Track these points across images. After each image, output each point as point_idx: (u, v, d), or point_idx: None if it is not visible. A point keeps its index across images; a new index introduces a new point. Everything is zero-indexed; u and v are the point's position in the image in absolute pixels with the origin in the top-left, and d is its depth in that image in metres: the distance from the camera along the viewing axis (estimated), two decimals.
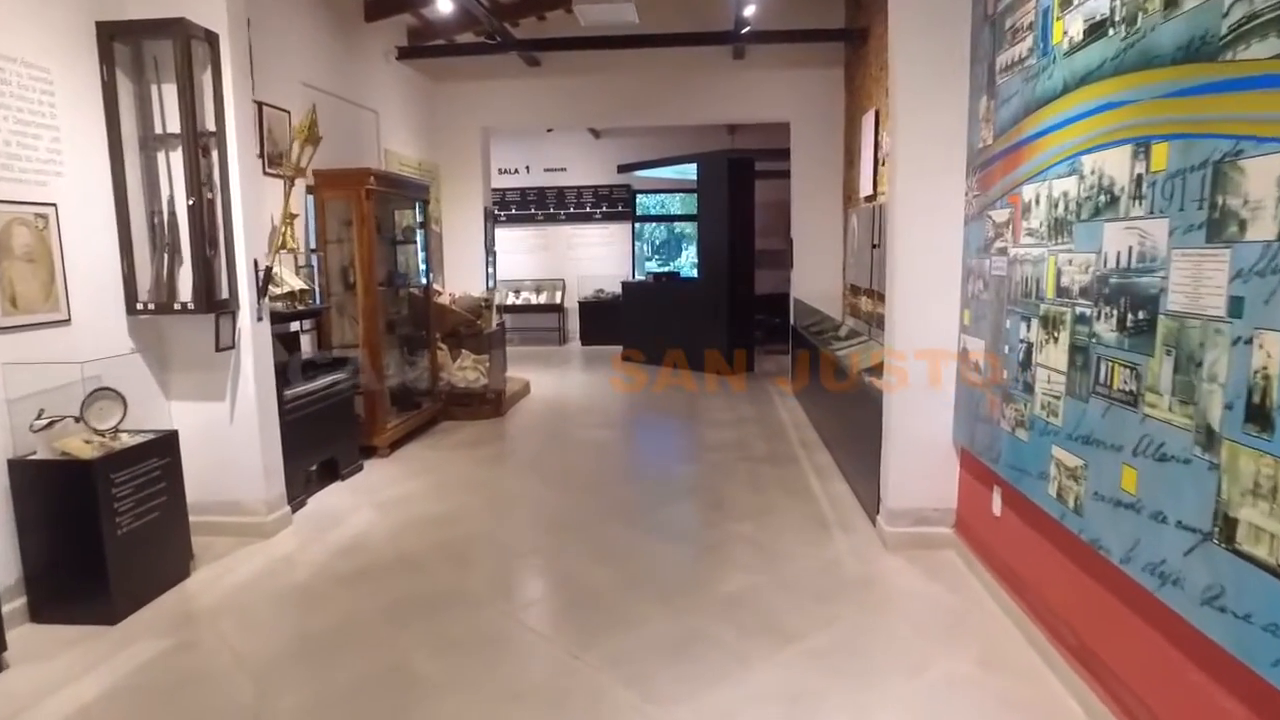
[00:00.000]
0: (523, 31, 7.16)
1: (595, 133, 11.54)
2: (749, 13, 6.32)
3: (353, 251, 5.35)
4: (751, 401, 7.23)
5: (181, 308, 3.54)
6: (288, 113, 5.02)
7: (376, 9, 6.35)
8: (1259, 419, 1.53)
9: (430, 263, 7.16)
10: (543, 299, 12.11)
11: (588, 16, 6.19)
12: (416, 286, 6.43)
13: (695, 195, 9.81)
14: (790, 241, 8.12)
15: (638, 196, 12.22)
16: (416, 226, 6.41)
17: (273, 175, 4.66)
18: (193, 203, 3.45)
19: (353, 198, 5.24)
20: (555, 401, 7.46)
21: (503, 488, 4.77)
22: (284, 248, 4.67)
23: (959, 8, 3.31)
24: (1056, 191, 2.44)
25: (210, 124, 3.57)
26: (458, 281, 8.00)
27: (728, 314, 8.63)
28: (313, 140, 3.88)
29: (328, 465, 4.85)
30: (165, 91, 3.52)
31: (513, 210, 12.18)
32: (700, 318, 8.81)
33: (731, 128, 10.98)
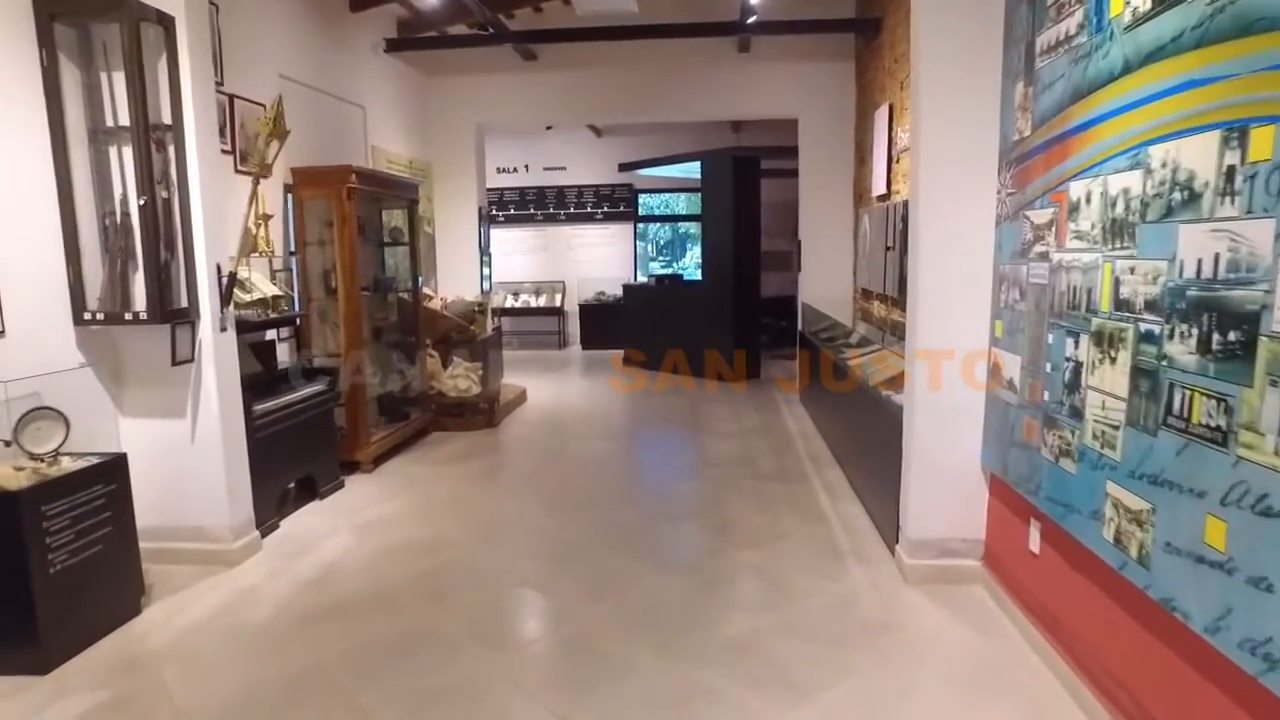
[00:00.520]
0: (518, 23, 6.83)
1: (596, 130, 11.22)
2: (755, 1, 5.99)
3: (334, 254, 5.04)
4: (757, 409, 6.90)
5: (134, 317, 3.23)
6: (263, 106, 4.71)
7: None
8: None
9: (421, 265, 6.85)
10: (542, 302, 11.79)
11: (584, 6, 5.86)
12: (406, 291, 6.12)
13: (700, 194, 9.48)
14: (798, 243, 7.78)
15: (640, 196, 11.89)
16: (405, 227, 6.10)
17: (245, 173, 4.34)
18: (144, 202, 3.14)
19: (333, 197, 4.92)
20: (552, 410, 7.13)
21: (492, 508, 4.45)
22: (256, 251, 4.37)
23: None
24: (1114, 188, 2.10)
25: (166, 116, 3.26)
26: (451, 285, 7.68)
27: (732, 318, 8.30)
28: (279, 135, 3.57)
29: (306, 483, 4.55)
30: (117, 80, 3.21)
31: (511, 210, 11.87)
32: (704, 321, 8.48)
33: (736, 125, 10.65)
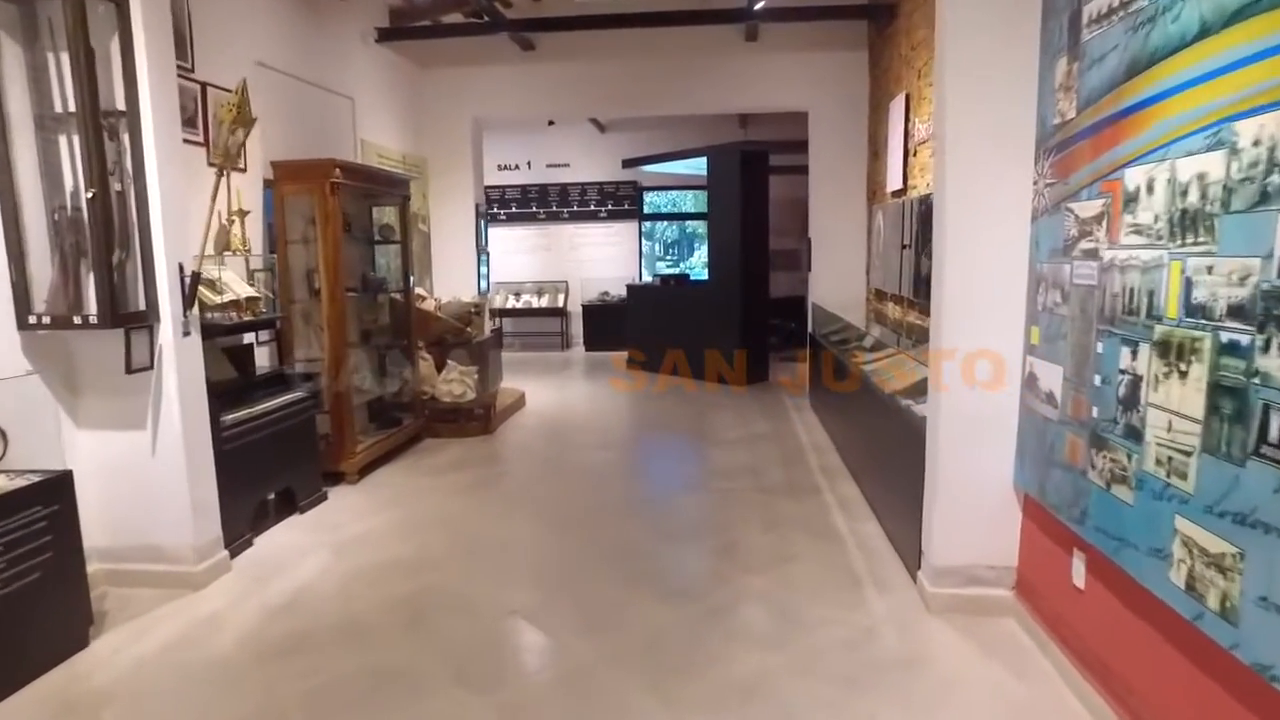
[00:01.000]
0: (515, 11, 6.54)
1: (600, 126, 10.93)
2: None
3: (318, 253, 4.76)
4: (765, 415, 6.60)
5: (83, 321, 2.96)
6: None
7: None
8: None
9: (415, 265, 6.58)
10: (544, 302, 11.51)
11: None
12: (398, 291, 5.85)
13: (706, 192, 9.18)
14: (808, 241, 7.48)
15: (645, 194, 11.60)
16: (397, 225, 5.82)
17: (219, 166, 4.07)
18: (93, 195, 2.86)
19: (316, 192, 4.64)
20: (552, 416, 6.85)
21: (481, 524, 4.16)
22: (230, 249, 4.11)
23: None
24: (1185, 173, 1.80)
25: (119, 101, 2.99)
26: (448, 285, 7.41)
27: (740, 319, 7.99)
28: (244, 122, 3.29)
29: (285, 496, 4.28)
30: (66, 62, 2.93)
31: (513, 208, 11.60)
32: (710, 323, 8.18)
33: (743, 120, 10.35)
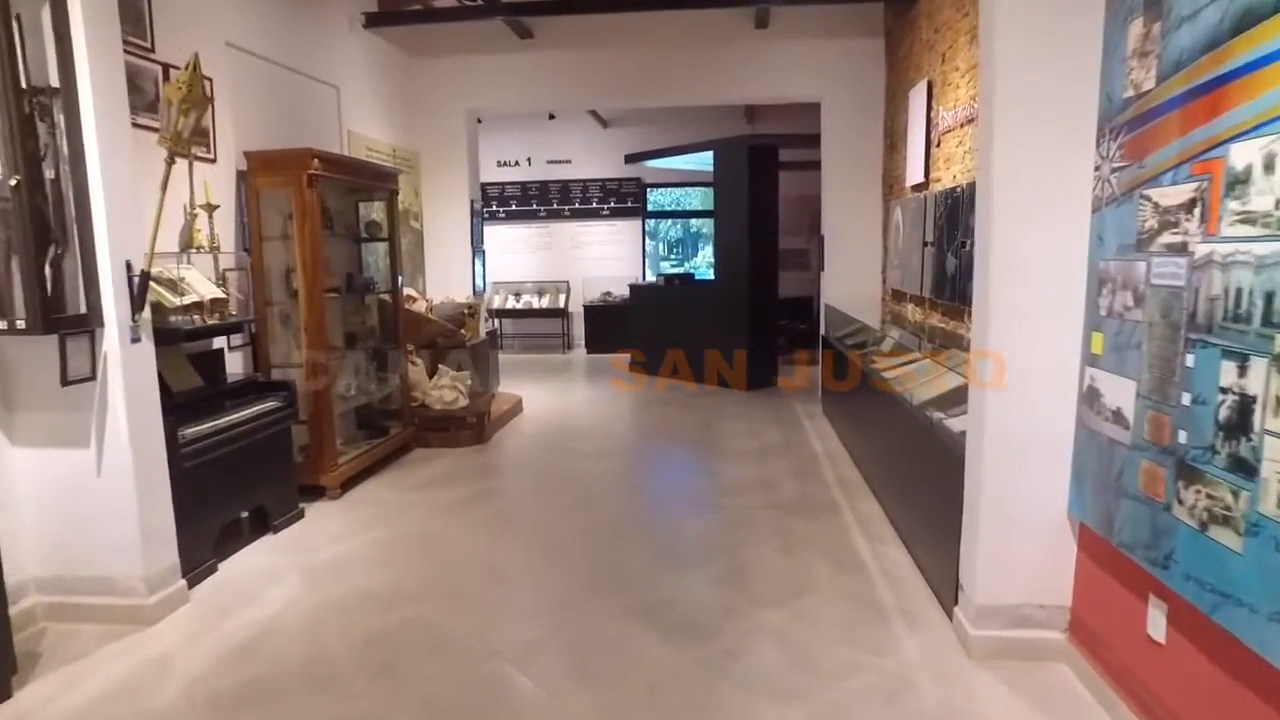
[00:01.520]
0: None
1: (602, 121, 10.58)
2: None
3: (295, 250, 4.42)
4: (776, 422, 6.24)
5: (9, 327, 2.61)
6: (209, 80, 4.10)
7: None
8: None
9: (406, 264, 6.25)
10: (545, 303, 11.16)
11: None
12: (387, 291, 5.51)
13: (712, 189, 8.82)
14: (820, 239, 7.11)
15: (649, 191, 11.24)
16: (384, 221, 5.48)
17: (180, 156, 3.71)
18: (16, 183, 2.52)
19: (292, 184, 4.30)
20: (551, 422, 6.49)
21: (468, 548, 3.81)
22: (194, 246, 3.77)
23: None
24: None
25: (53, 78, 2.65)
26: (441, 285, 7.07)
27: (748, 320, 7.63)
28: (194, 102, 2.94)
29: (258, 514, 3.94)
30: None
31: (512, 206, 11.25)
32: (717, 324, 7.82)
33: (750, 113, 9.99)
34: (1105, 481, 2.27)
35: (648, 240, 11.45)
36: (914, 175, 5.40)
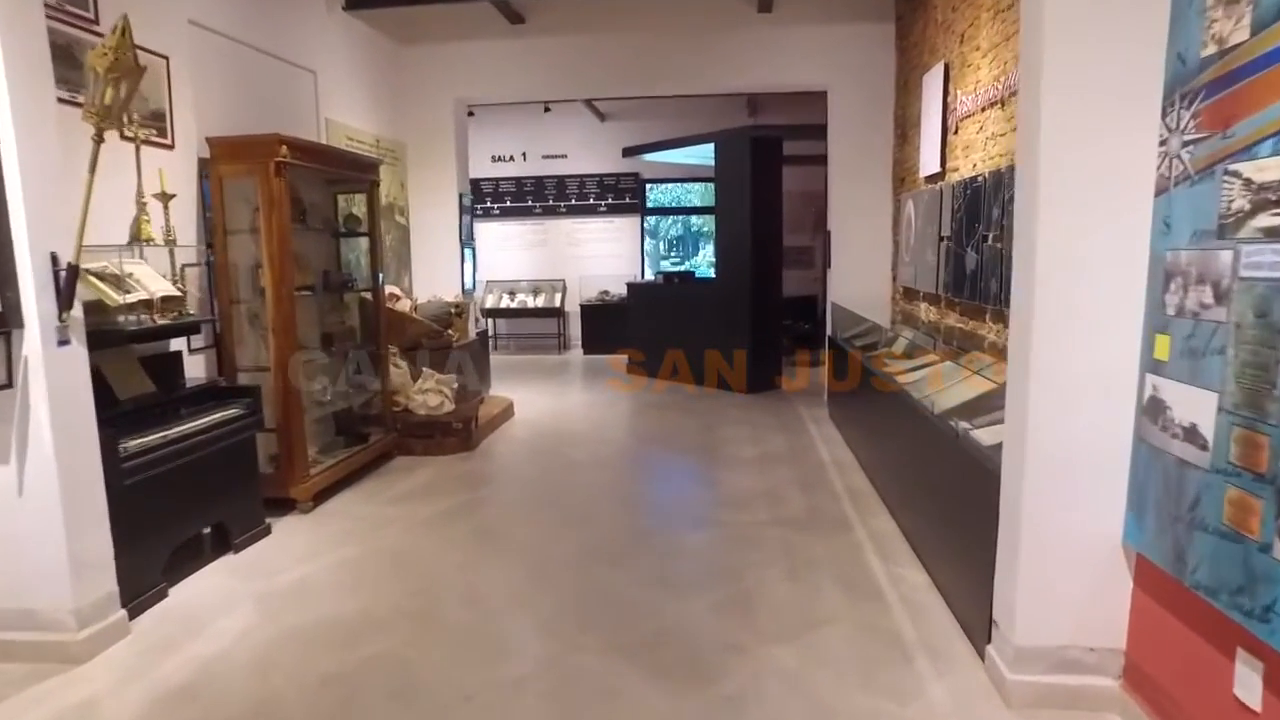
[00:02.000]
0: None
1: (599, 114, 10.25)
2: None
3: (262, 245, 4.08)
4: (780, 428, 5.90)
5: None
6: (165, 59, 3.77)
7: None
8: None
9: (389, 260, 5.92)
10: (540, 302, 10.83)
11: None
12: (368, 289, 5.18)
13: (713, 185, 8.48)
14: (825, 235, 6.77)
15: (648, 187, 10.90)
16: (364, 215, 5.15)
17: (129, 140, 3.38)
18: None
19: (259, 173, 3.96)
20: (544, 427, 6.16)
21: (445, 570, 3.47)
22: (144, 238, 3.43)
23: None
24: None
25: None
26: (428, 283, 6.74)
27: (750, 320, 7.29)
28: (124, 71, 2.59)
29: (219, 531, 3.61)
30: None
31: (507, 202, 10.92)
32: (718, 324, 7.48)
33: (752, 105, 9.66)
34: (1173, 510, 1.94)
35: (647, 238, 11.12)
36: (928, 165, 5.07)
